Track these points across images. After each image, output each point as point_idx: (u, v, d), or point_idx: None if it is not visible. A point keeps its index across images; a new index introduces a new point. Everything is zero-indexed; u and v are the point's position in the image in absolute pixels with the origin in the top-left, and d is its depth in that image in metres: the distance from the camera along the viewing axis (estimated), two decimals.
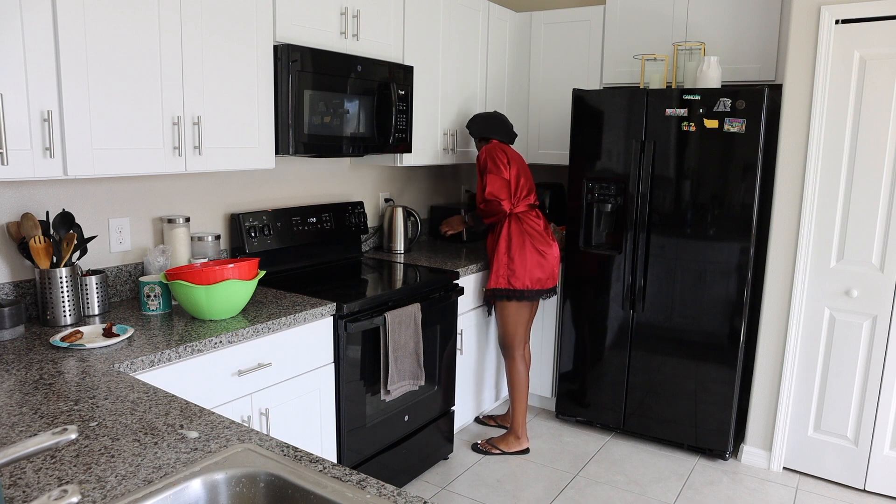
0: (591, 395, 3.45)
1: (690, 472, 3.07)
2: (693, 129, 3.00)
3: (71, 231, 2.07)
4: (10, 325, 1.87)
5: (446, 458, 3.14)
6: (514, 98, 3.89)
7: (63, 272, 2.00)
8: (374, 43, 2.81)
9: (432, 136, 3.28)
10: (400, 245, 3.40)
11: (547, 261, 3.08)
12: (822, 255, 2.89)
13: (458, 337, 3.12)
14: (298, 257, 2.93)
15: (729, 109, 2.91)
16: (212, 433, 1.31)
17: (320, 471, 1.16)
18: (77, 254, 2.15)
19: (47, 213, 2.09)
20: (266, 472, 1.16)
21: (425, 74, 3.16)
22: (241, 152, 2.31)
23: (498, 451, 3.18)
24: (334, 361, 2.40)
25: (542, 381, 3.67)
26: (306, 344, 2.26)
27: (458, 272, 2.98)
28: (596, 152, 3.26)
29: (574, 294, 3.43)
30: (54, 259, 2.03)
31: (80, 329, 1.90)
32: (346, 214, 3.15)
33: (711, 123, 2.95)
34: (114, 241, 2.33)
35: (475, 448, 3.23)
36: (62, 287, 2.01)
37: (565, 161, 3.74)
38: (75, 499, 0.82)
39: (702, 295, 3.08)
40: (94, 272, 2.16)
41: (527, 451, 3.21)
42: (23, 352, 1.79)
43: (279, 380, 2.18)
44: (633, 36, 3.50)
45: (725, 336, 3.06)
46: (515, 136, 3.22)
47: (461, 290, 2.96)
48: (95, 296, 2.14)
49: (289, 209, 2.88)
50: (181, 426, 1.34)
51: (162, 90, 2.03)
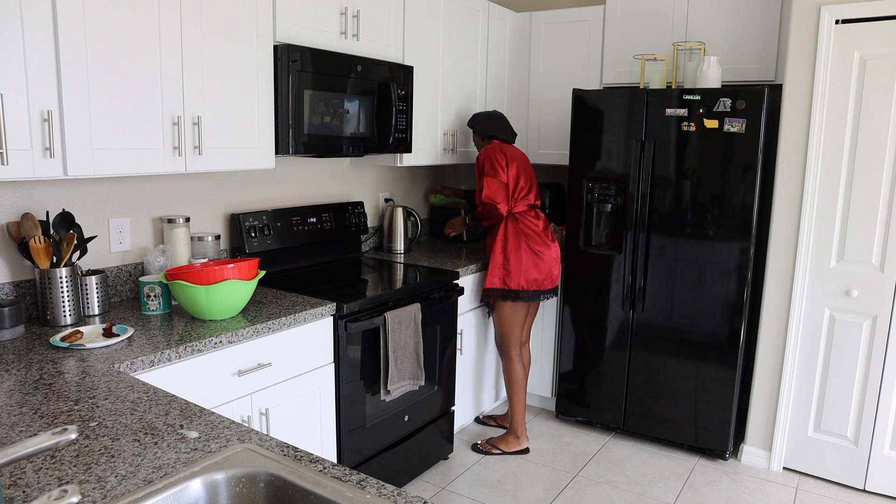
0: (591, 395, 3.45)
1: (690, 472, 3.07)
2: (693, 129, 3.00)
3: (71, 231, 2.07)
4: (10, 325, 1.88)
5: (446, 458, 3.14)
6: (514, 98, 3.89)
7: (63, 272, 2.00)
8: (374, 43, 2.81)
9: (432, 136, 3.28)
10: (400, 245, 3.40)
11: (544, 261, 3.07)
12: (822, 255, 2.89)
13: (458, 337, 3.12)
14: (298, 257, 2.93)
15: (729, 109, 2.91)
16: (212, 433, 1.31)
17: (320, 471, 1.16)
18: (77, 254, 2.15)
19: (47, 213, 2.09)
20: (266, 472, 1.16)
21: (425, 74, 3.16)
22: (241, 152, 2.31)
23: (498, 451, 3.18)
24: (334, 361, 2.40)
25: (542, 381, 3.67)
26: (306, 344, 2.26)
27: (458, 272, 2.98)
28: (596, 152, 3.26)
29: (574, 294, 3.43)
30: (54, 259, 2.03)
31: (80, 329, 1.90)
32: (346, 214, 3.15)
33: (711, 123, 2.96)
34: (114, 241, 2.33)
35: (475, 448, 3.23)
36: (62, 287, 2.01)
37: (565, 161, 3.74)
38: (75, 499, 0.82)
39: (702, 295, 3.08)
40: (94, 272, 2.16)
41: (527, 450, 3.21)
42: (23, 352, 1.79)
43: (279, 380, 2.18)
44: (633, 36, 3.50)
45: (725, 336, 3.06)
46: (516, 135, 3.22)
47: (461, 291, 2.96)
48: (95, 296, 2.14)
49: (289, 209, 2.88)
50: (181, 426, 1.34)
51: (162, 90, 2.03)
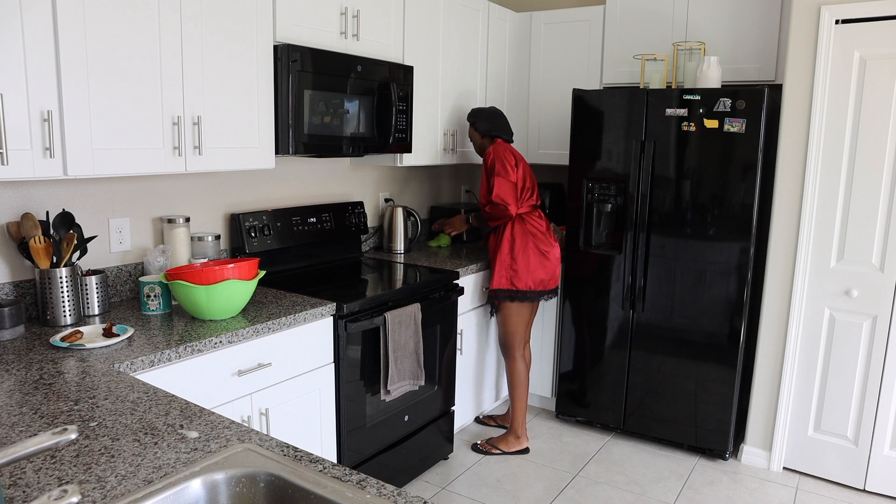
0: (591, 395, 3.45)
1: (690, 472, 3.07)
2: (693, 129, 3.00)
3: (71, 231, 2.07)
4: (10, 325, 1.88)
5: (446, 458, 3.14)
6: (514, 98, 3.89)
7: (63, 272, 2.00)
8: (374, 43, 2.81)
9: (432, 136, 3.28)
10: (400, 245, 3.40)
11: (549, 261, 3.08)
12: (822, 255, 2.89)
13: (458, 337, 3.12)
14: (298, 257, 2.93)
15: (729, 109, 2.91)
16: (212, 433, 1.31)
17: (320, 471, 1.16)
18: (77, 254, 2.15)
19: (47, 213, 2.09)
20: (266, 472, 1.16)
21: (425, 74, 3.16)
22: (241, 152, 2.31)
23: (498, 451, 3.18)
24: (334, 361, 2.40)
25: (542, 381, 3.67)
26: (306, 344, 2.26)
27: (458, 272, 2.98)
28: (596, 152, 3.26)
29: (574, 294, 3.43)
30: (54, 259, 2.03)
31: (80, 329, 1.90)
32: (346, 214, 3.15)
33: (711, 123, 2.95)
34: (114, 241, 2.33)
35: (475, 448, 3.23)
36: (62, 287, 2.01)
37: (565, 161, 3.74)
38: (75, 499, 0.82)
39: (702, 295, 3.08)
40: (94, 272, 2.16)
41: (527, 450, 3.21)
42: (23, 352, 1.79)
43: (279, 380, 2.18)
44: (633, 36, 3.50)
45: (725, 336, 3.06)
46: (512, 134, 3.22)
47: (461, 290, 2.96)
48: (95, 296, 2.14)
49: (289, 209, 2.88)
50: (181, 426, 1.34)
51: (162, 90, 2.03)
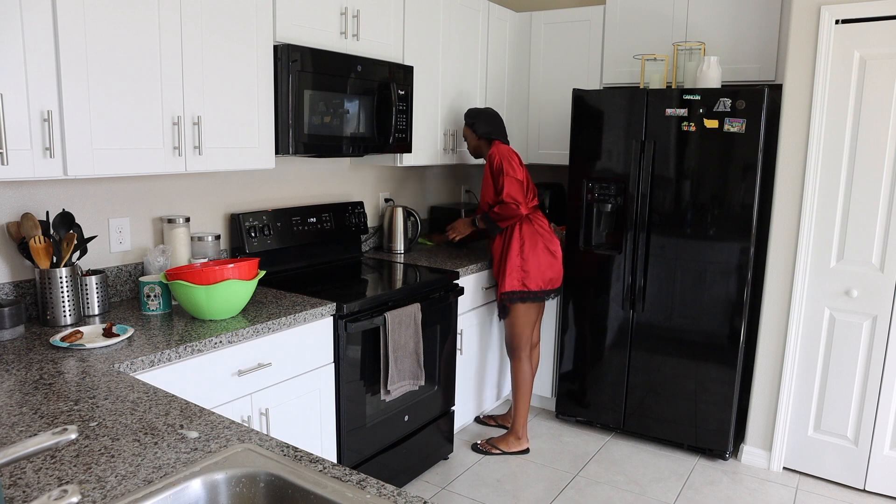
0: (591, 395, 3.45)
1: (690, 472, 3.07)
2: (693, 129, 3.00)
3: (71, 231, 2.07)
4: (10, 325, 1.88)
5: (446, 458, 3.14)
6: (514, 98, 3.89)
7: (63, 272, 2.00)
8: (374, 43, 2.81)
9: (432, 136, 3.28)
10: (400, 245, 3.40)
11: (557, 260, 3.10)
12: (822, 255, 2.89)
13: (458, 337, 3.12)
14: (298, 257, 2.93)
15: (729, 109, 2.91)
16: (212, 433, 1.31)
17: (320, 471, 1.16)
18: (77, 254, 2.15)
19: (47, 213, 2.09)
20: (266, 472, 1.16)
21: (425, 74, 3.16)
22: (241, 152, 2.31)
23: (498, 451, 3.18)
24: (334, 361, 2.40)
25: (542, 381, 3.67)
26: (306, 344, 2.26)
27: (458, 272, 2.98)
28: (596, 152, 3.26)
29: (574, 294, 3.43)
30: (54, 259, 2.03)
31: (80, 329, 1.90)
32: (346, 214, 3.15)
33: (711, 123, 2.95)
34: (114, 241, 2.33)
35: (475, 448, 3.23)
36: (62, 287, 2.01)
37: (565, 161, 3.74)
38: (75, 499, 0.82)
39: (702, 295, 3.08)
40: (94, 272, 2.16)
41: (527, 451, 3.21)
42: (23, 352, 1.79)
43: (279, 380, 2.18)
44: (633, 36, 3.50)
45: (725, 336, 3.06)
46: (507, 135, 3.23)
47: (461, 290, 2.96)
48: (95, 296, 2.14)
49: (289, 209, 2.88)
50: (181, 426, 1.34)
51: (162, 90, 2.03)
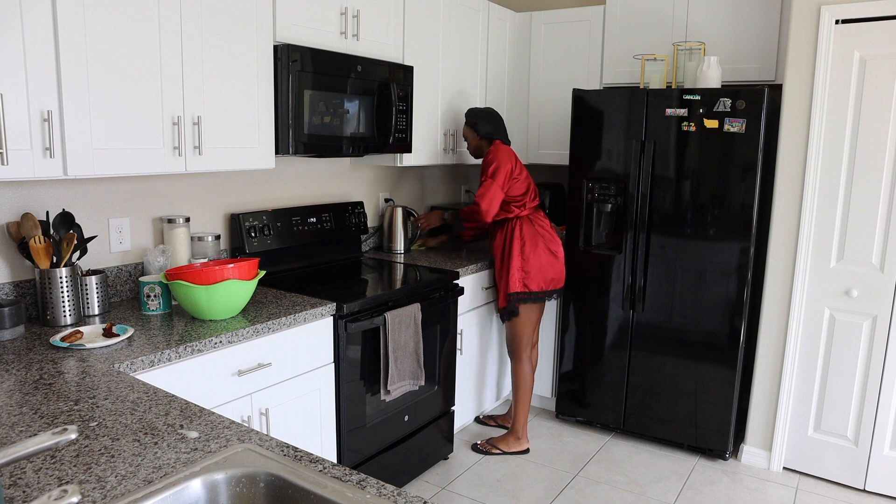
0: (591, 395, 3.45)
1: (690, 472, 3.07)
2: (693, 129, 3.00)
3: (71, 231, 2.07)
4: (10, 325, 1.88)
5: (446, 458, 3.14)
6: (514, 98, 3.89)
7: (63, 272, 2.00)
8: (374, 43, 2.81)
9: (432, 136, 3.28)
10: (400, 245, 3.40)
11: (558, 260, 3.10)
12: (822, 255, 2.89)
13: (458, 337, 3.12)
14: (298, 257, 2.93)
15: (729, 109, 2.91)
16: (212, 433, 1.31)
17: (320, 471, 1.16)
18: (77, 254, 2.15)
19: (47, 213, 2.09)
20: (266, 472, 1.16)
21: (425, 74, 3.16)
22: (241, 152, 2.31)
23: (498, 451, 3.18)
24: (334, 361, 2.40)
25: (542, 381, 3.67)
26: (306, 344, 2.26)
27: (458, 272, 2.98)
28: (596, 152, 3.26)
29: (574, 294, 3.43)
30: (54, 259, 2.02)
31: (80, 329, 1.90)
32: (346, 214, 3.15)
33: (711, 123, 2.95)
34: (114, 241, 2.33)
35: (475, 448, 3.23)
36: (62, 287, 2.01)
37: (565, 161, 3.74)
38: (75, 499, 0.82)
39: (702, 295, 3.08)
40: (94, 272, 2.16)
41: (527, 451, 3.21)
42: (23, 352, 1.79)
43: (279, 380, 2.18)
44: (633, 36, 3.50)
45: (725, 336, 3.06)
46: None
47: (461, 290, 2.96)
48: (95, 296, 2.14)
49: (289, 209, 2.88)
50: (181, 426, 1.34)
51: (162, 90, 2.03)
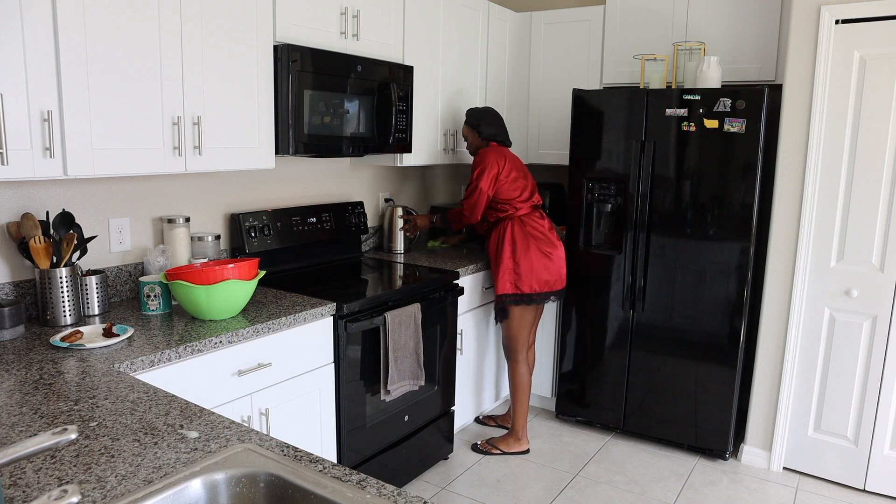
0: (591, 395, 3.45)
1: (690, 472, 3.07)
2: (693, 129, 3.00)
3: (71, 231, 2.07)
4: (10, 325, 1.88)
5: (446, 458, 3.14)
6: (514, 98, 3.89)
7: (63, 272, 2.00)
8: (374, 43, 2.81)
9: (432, 136, 3.28)
10: (400, 245, 3.40)
11: (553, 262, 3.06)
12: (822, 255, 2.89)
13: (458, 337, 3.12)
14: (298, 257, 2.93)
15: (729, 109, 2.91)
16: (212, 433, 1.31)
17: (320, 471, 1.16)
18: (77, 254, 2.15)
19: (47, 213, 2.09)
20: (266, 472, 1.16)
21: (425, 74, 3.16)
22: (241, 152, 2.31)
23: (498, 452, 3.18)
24: (334, 361, 2.40)
25: (542, 382, 3.67)
26: (306, 344, 2.26)
27: (457, 272, 2.98)
28: (596, 152, 3.26)
29: (574, 294, 3.43)
30: (54, 259, 2.02)
31: (80, 329, 1.90)
32: (345, 214, 3.15)
33: (711, 123, 2.95)
34: (114, 241, 2.33)
35: (475, 448, 3.23)
36: (62, 287, 2.01)
37: (565, 161, 3.74)
38: (75, 499, 0.82)
39: (702, 295, 3.08)
40: (94, 272, 2.16)
41: (527, 451, 3.21)
42: (23, 352, 1.79)
43: (279, 380, 2.18)
44: (633, 36, 3.50)
45: (725, 336, 3.06)
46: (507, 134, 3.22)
47: (461, 290, 2.96)
48: (95, 296, 2.14)
49: (289, 209, 2.88)
50: (181, 426, 1.34)
51: (162, 90, 2.03)
